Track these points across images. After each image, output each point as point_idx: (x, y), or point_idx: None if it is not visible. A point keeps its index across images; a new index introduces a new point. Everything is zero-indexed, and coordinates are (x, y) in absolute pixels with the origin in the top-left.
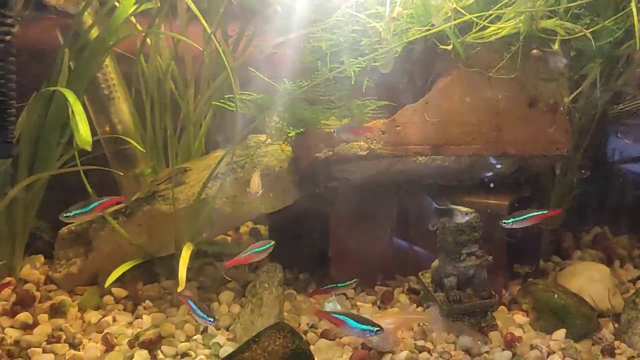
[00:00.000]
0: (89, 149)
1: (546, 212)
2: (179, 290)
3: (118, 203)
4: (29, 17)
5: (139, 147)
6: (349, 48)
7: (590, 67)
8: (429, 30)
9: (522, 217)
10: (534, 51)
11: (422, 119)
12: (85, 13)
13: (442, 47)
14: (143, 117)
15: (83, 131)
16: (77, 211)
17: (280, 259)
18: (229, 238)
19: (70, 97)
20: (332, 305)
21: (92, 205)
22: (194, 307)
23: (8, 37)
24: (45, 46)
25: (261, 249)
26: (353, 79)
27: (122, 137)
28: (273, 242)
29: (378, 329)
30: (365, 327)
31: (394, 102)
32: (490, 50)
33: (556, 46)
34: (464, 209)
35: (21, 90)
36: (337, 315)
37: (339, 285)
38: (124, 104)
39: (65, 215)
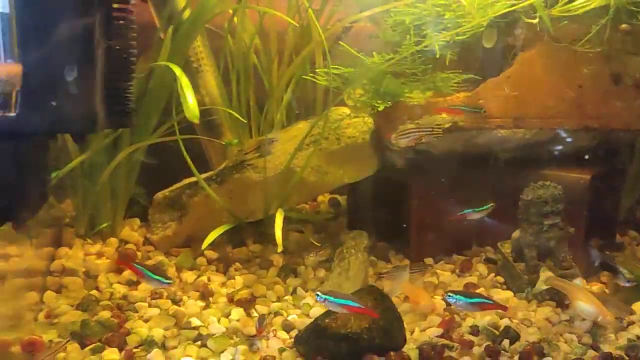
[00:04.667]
0: (196, 121)
1: None
2: (279, 250)
3: None
4: None
5: (237, 115)
6: (432, 22)
7: None
8: (516, 4)
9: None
10: (623, 25)
11: (505, 92)
12: None
13: (527, 20)
14: (229, 89)
15: (191, 104)
16: None
17: (359, 227)
18: (307, 206)
19: (178, 71)
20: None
21: None
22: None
23: (130, 9)
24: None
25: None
26: (437, 53)
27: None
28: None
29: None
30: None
31: (477, 75)
32: (576, 23)
33: None
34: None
35: None
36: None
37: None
38: (211, 76)
39: None
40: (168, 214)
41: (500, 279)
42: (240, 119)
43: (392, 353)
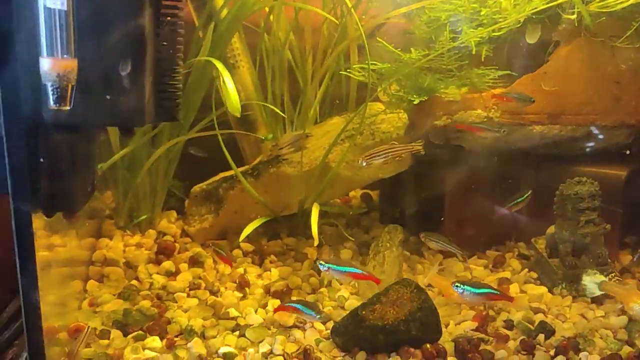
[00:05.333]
0: (238, 115)
1: None
2: (315, 244)
3: None
4: None
5: (276, 110)
6: (468, 18)
7: None
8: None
9: None
10: None
11: (540, 88)
12: None
13: (565, 16)
14: (264, 85)
15: (233, 98)
16: None
17: (392, 222)
18: (338, 201)
19: (220, 66)
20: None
21: None
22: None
23: (179, 6)
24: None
25: None
26: (473, 49)
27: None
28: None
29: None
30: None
31: (513, 71)
32: (614, 19)
33: None
34: None
35: None
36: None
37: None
38: (247, 72)
39: None
40: (205, 207)
41: (534, 274)
42: (280, 112)
43: (428, 345)
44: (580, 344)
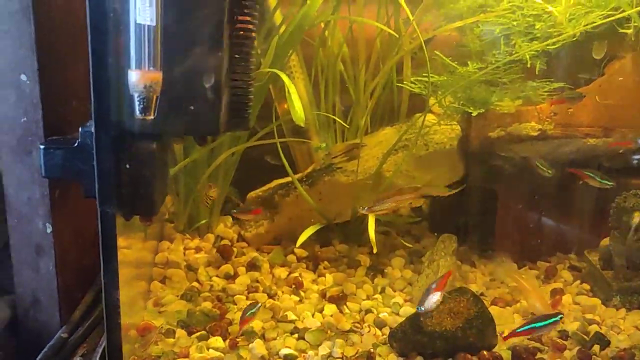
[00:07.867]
0: (302, 124)
1: None
2: (374, 251)
3: None
4: None
5: (338, 120)
6: (522, 32)
7: None
8: (611, 15)
9: None
10: None
11: (594, 101)
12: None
13: (622, 30)
14: (317, 96)
15: (298, 109)
16: None
17: (442, 231)
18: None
19: (286, 79)
20: None
21: None
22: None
23: (252, 21)
24: None
25: None
26: (528, 63)
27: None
28: None
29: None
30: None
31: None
32: None
33: None
34: None
35: None
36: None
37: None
38: (301, 84)
39: None
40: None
41: (587, 286)
42: (342, 123)
43: (484, 352)
44: (636, 355)
